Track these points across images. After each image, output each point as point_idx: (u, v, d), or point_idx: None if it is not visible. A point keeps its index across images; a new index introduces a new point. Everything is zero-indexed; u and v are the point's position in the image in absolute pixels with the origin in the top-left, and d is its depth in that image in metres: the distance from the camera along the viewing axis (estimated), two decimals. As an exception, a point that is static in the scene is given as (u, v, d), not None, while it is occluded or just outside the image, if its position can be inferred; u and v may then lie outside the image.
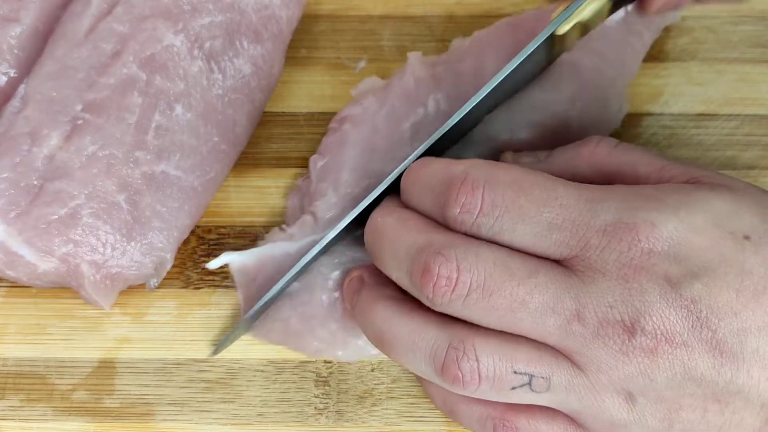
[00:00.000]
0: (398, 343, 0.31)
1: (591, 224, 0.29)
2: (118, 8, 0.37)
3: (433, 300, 0.29)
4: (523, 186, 0.30)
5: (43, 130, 0.34)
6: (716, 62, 0.42)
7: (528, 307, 0.29)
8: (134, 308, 0.37)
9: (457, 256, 0.29)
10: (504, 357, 0.29)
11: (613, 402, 0.29)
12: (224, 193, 0.39)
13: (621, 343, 0.28)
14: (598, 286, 0.28)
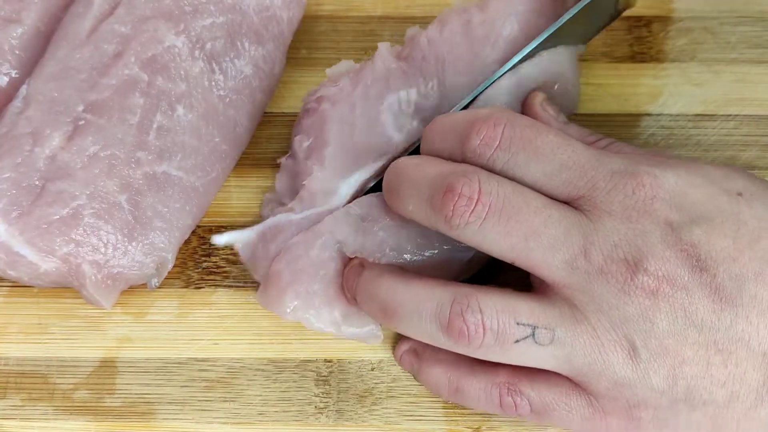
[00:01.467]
0: (403, 309, 0.31)
1: (599, 169, 0.30)
2: (119, 9, 0.37)
3: (451, 221, 0.30)
4: (541, 130, 0.31)
5: (45, 131, 0.34)
6: (715, 63, 0.42)
7: (540, 238, 0.30)
8: (135, 308, 0.37)
9: (480, 179, 0.30)
10: (506, 308, 0.30)
11: (617, 356, 0.29)
12: (225, 193, 0.39)
13: (623, 281, 0.29)
14: (604, 225, 0.30)
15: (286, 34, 0.40)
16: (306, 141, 0.37)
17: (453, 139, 0.32)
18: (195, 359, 0.36)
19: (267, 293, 0.35)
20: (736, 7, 0.43)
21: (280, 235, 0.36)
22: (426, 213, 0.31)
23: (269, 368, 0.36)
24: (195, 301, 0.37)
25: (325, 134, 0.37)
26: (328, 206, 0.36)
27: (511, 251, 0.30)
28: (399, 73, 0.38)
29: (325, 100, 0.38)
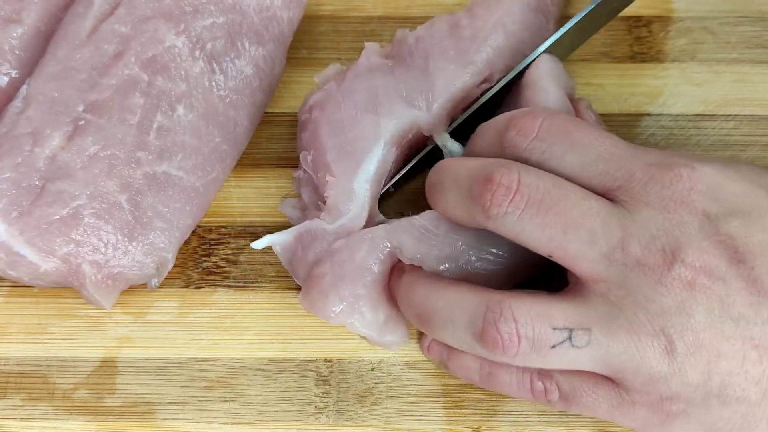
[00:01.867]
0: (437, 317, 0.31)
1: (636, 160, 0.30)
2: (119, 9, 0.37)
3: (489, 210, 0.30)
4: (579, 124, 0.32)
5: (45, 131, 0.34)
6: (715, 63, 0.42)
7: (579, 230, 0.29)
8: (135, 308, 0.37)
9: (519, 170, 0.30)
10: (541, 314, 0.29)
11: (653, 350, 0.29)
12: (225, 192, 0.39)
13: (660, 273, 0.28)
14: (641, 215, 0.29)
15: (286, 35, 0.40)
16: (309, 155, 0.37)
17: (493, 137, 0.32)
18: (195, 359, 0.36)
19: (310, 296, 0.35)
20: (736, 7, 0.43)
21: (316, 243, 0.36)
22: (465, 205, 0.31)
23: (269, 368, 0.36)
24: (195, 301, 0.37)
25: (320, 141, 0.36)
26: (354, 211, 0.36)
27: (549, 243, 0.30)
28: (385, 68, 0.37)
29: (315, 108, 0.37)
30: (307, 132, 0.37)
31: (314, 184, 0.37)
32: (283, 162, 0.40)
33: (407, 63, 0.38)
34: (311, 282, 0.35)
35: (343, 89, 0.37)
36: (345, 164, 0.36)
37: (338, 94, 0.37)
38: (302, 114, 0.38)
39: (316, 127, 0.37)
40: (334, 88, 0.37)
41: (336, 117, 0.37)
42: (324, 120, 0.37)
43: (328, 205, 0.36)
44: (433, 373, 0.36)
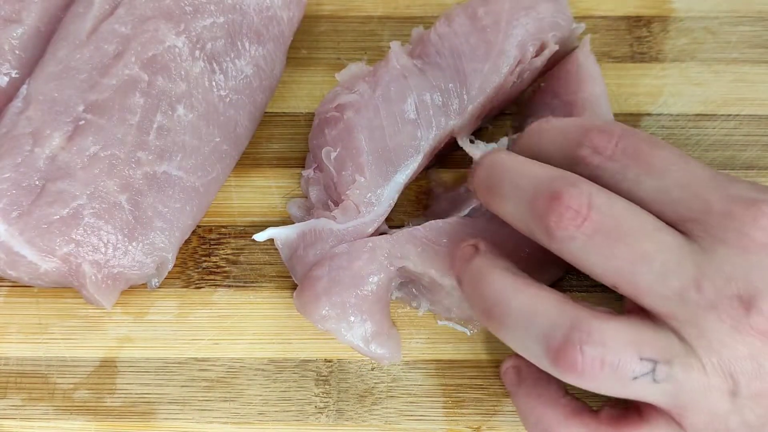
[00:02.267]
0: (510, 318, 0.29)
1: (716, 191, 0.28)
2: (120, 9, 0.37)
3: (553, 231, 0.28)
4: (657, 144, 0.29)
5: (45, 131, 0.34)
6: (715, 63, 0.42)
7: (651, 264, 0.27)
8: (135, 308, 0.37)
9: (591, 192, 0.28)
10: (632, 342, 0.27)
11: (720, 391, 0.27)
12: (225, 192, 0.39)
13: (736, 319, 0.27)
14: (717, 254, 0.27)
15: (286, 34, 0.40)
16: (333, 152, 0.37)
17: (559, 142, 0.30)
18: (195, 359, 0.36)
19: (301, 297, 0.35)
20: (736, 7, 0.43)
21: (319, 243, 0.36)
22: (525, 217, 0.29)
23: (269, 368, 0.36)
24: (195, 301, 0.37)
25: (357, 142, 0.36)
26: (373, 214, 0.36)
27: (615, 275, 0.28)
28: (416, 71, 0.37)
29: (347, 108, 0.37)
30: (336, 130, 0.37)
31: (325, 184, 0.37)
32: (283, 162, 0.40)
33: (437, 63, 0.37)
34: (306, 283, 0.35)
35: (380, 94, 0.37)
36: (381, 169, 0.36)
37: (375, 98, 0.37)
38: (327, 111, 0.38)
39: (351, 128, 0.36)
40: (368, 91, 0.37)
41: (376, 123, 0.36)
42: (361, 123, 0.36)
43: (346, 204, 0.36)
44: (433, 373, 0.36)
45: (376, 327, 0.35)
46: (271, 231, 0.37)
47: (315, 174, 0.38)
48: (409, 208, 0.39)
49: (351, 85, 0.38)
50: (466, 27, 0.37)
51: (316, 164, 0.38)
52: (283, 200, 0.39)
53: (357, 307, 0.34)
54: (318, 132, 0.38)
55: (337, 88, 0.38)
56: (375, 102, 0.37)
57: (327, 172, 0.37)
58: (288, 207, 0.38)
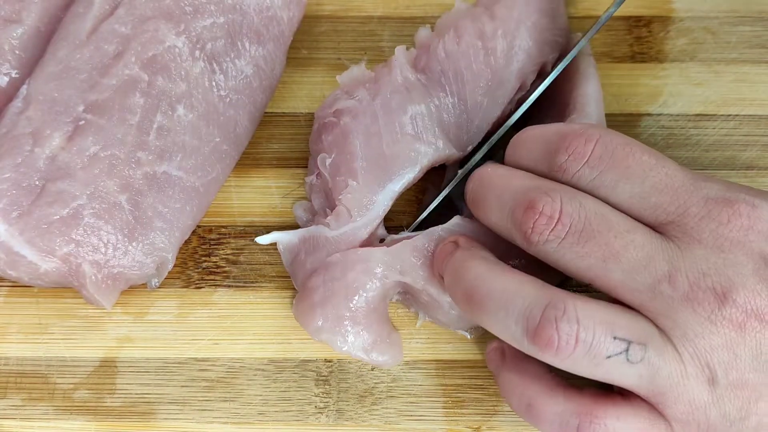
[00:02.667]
0: (490, 300, 0.30)
1: (693, 194, 0.29)
2: (120, 9, 0.37)
3: (530, 237, 0.30)
4: (635, 149, 0.30)
5: (46, 131, 0.34)
6: (714, 63, 0.42)
7: (620, 260, 0.29)
8: (135, 308, 0.37)
9: (562, 199, 0.29)
10: (606, 321, 0.28)
11: (697, 381, 0.28)
12: (225, 192, 0.39)
13: (710, 311, 0.28)
14: (692, 253, 0.29)
15: (286, 35, 0.40)
16: (329, 158, 0.37)
17: (540, 150, 0.32)
18: (195, 359, 0.36)
19: (298, 307, 0.35)
20: (736, 7, 0.43)
21: (316, 252, 0.36)
22: (507, 226, 0.31)
23: (269, 368, 0.36)
24: (195, 301, 0.37)
25: (351, 147, 0.36)
26: (366, 219, 0.36)
27: (588, 271, 0.29)
28: (419, 86, 0.37)
29: (344, 114, 0.37)
30: (332, 136, 0.37)
31: (326, 191, 0.37)
32: (283, 162, 0.40)
33: (441, 84, 0.37)
34: (303, 293, 0.35)
35: (380, 103, 0.37)
36: (375, 175, 0.36)
37: (374, 106, 0.37)
38: (325, 116, 0.38)
39: (347, 133, 0.37)
40: (367, 97, 0.37)
41: (373, 130, 0.36)
42: (358, 129, 0.36)
43: (339, 209, 0.36)
44: (433, 373, 0.36)
45: (374, 337, 0.35)
46: (274, 235, 0.37)
47: (316, 180, 0.38)
48: (407, 208, 0.39)
49: (351, 90, 0.38)
50: (473, 47, 0.37)
51: (317, 170, 0.38)
52: (283, 200, 0.39)
53: (352, 319, 0.34)
54: (316, 137, 0.38)
55: (337, 92, 0.38)
56: (373, 109, 0.37)
57: (323, 178, 0.37)
58: (294, 209, 0.38)
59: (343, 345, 0.34)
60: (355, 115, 0.37)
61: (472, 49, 0.37)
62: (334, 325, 0.34)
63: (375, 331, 0.35)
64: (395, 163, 0.36)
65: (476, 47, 0.37)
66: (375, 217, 0.36)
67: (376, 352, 0.35)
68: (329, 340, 0.34)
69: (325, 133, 0.38)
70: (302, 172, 0.40)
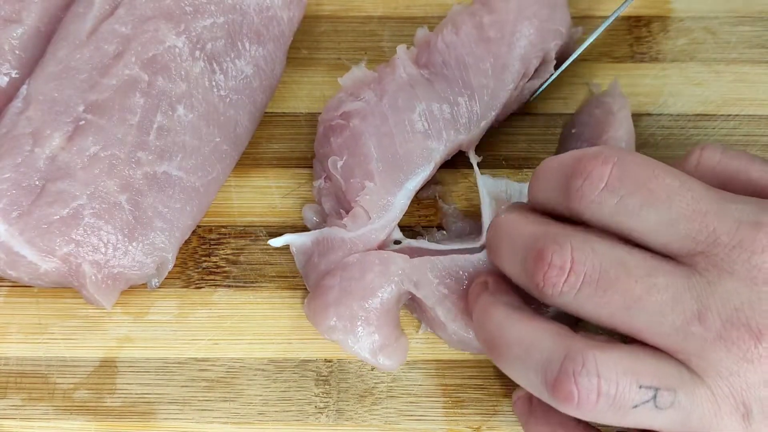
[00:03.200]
0: (509, 350, 0.29)
1: (722, 219, 0.27)
2: (120, 9, 0.37)
3: (543, 290, 0.28)
4: (656, 170, 0.28)
5: (46, 131, 0.34)
6: (714, 63, 0.42)
7: (644, 306, 0.27)
8: (135, 308, 0.37)
9: (572, 245, 0.28)
10: (629, 370, 0.27)
11: (732, 419, 0.27)
12: (225, 192, 0.39)
13: (746, 349, 0.26)
14: (723, 287, 0.27)
15: (286, 35, 0.40)
16: (340, 160, 0.37)
17: (557, 179, 0.29)
18: (195, 359, 0.36)
19: (311, 305, 0.35)
20: (736, 7, 0.43)
21: (331, 254, 0.36)
22: (521, 276, 0.30)
23: (269, 368, 0.36)
24: (195, 301, 0.37)
25: (365, 149, 0.36)
26: (384, 220, 0.36)
27: (611, 319, 0.28)
28: (423, 81, 0.37)
29: (353, 116, 0.37)
30: (342, 138, 0.37)
31: (337, 194, 0.37)
32: (283, 162, 0.40)
33: (444, 75, 0.37)
34: (317, 291, 0.35)
35: (387, 103, 0.37)
36: (391, 175, 0.36)
37: (382, 106, 0.37)
38: (331, 119, 0.38)
39: (358, 135, 0.36)
40: (374, 98, 0.37)
41: (384, 130, 0.36)
42: (368, 129, 0.36)
43: (356, 211, 0.36)
44: (433, 373, 0.36)
45: (384, 339, 0.35)
46: (287, 237, 0.37)
47: (325, 183, 0.38)
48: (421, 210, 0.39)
49: (356, 91, 0.38)
50: (473, 37, 0.38)
51: (325, 173, 0.38)
52: (283, 200, 0.39)
53: (365, 319, 0.34)
54: (323, 140, 0.38)
55: (341, 95, 0.38)
56: (382, 109, 0.37)
57: (335, 181, 0.37)
58: (303, 212, 0.38)
59: (353, 345, 0.34)
60: (364, 117, 0.37)
61: (471, 38, 0.37)
62: (348, 324, 0.34)
63: (385, 334, 0.35)
64: (410, 162, 0.36)
65: (475, 36, 0.38)
66: (393, 218, 0.36)
67: (383, 356, 0.35)
68: (341, 339, 0.34)
69: (333, 135, 0.37)
70: (302, 172, 0.40)
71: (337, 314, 0.34)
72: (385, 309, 0.35)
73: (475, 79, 0.37)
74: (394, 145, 0.36)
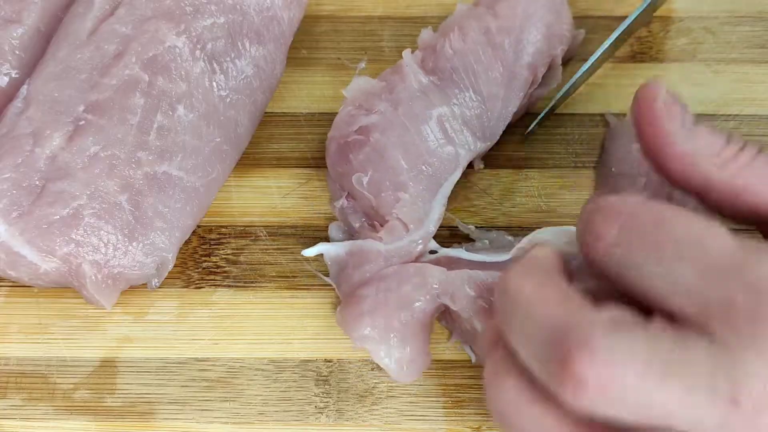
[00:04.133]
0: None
1: (741, 278, 0.24)
2: (120, 9, 0.37)
3: (570, 403, 0.24)
4: (665, 221, 0.25)
5: (46, 131, 0.34)
6: (714, 63, 0.42)
7: (678, 417, 0.23)
8: (135, 308, 0.37)
9: (604, 355, 0.23)
10: None
11: None
12: (225, 192, 0.39)
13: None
14: (745, 364, 0.23)
15: (286, 35, 0.40)
16: (365, 177, 0.36)
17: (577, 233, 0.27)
18: (195, 359, 0.36)
19: (344, 313, 0.35)
20: (736, 7, 0.43)
21: (366, 265, 0.36)
22: (541, 371, 0.25)
23: (269, 368, 0.36)
24: (195, 301, 0.37)
25: (392, 162, 0.36)
26: (423, 231, 0.36)
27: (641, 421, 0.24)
28: (433, 88, 0.37)
29: (372, 130, 0.36)
30: (363, 154, 0.36)
31: (366, 210, 0.37)
32: (283, 162, 0.40)
33: (454, 80, 0.37)
34: (352, 300, 0.35)
35: (403, 112, 0.37)
36: (425, 185, 0.36)
37: (400, 116, 0.37)
38: (346, 136, 0.37)
39: (383, 149, 0.36)
40: (389, 109, 0.37)
41: (407, 139, 0.36)
42: (393, 142, 0.36)
43: (392, 224, 0.36)
44: (433, 373, 0.36)
45: (414, 354, 0.34)
46: (320, 247, 0.37)
47: (348, 202, 0.38)
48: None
49: (366, 103, 0.37)
50: (481, 43, 0.38)
51: (345, 192, 0.38)
52: (283, 200, 0.39)
53: (400, 331, 0.34)
54: (340, 159, 0.37)
55: (350, 109, 0.37)
56: (400, 120, 0.36)
57: (362, 198, 0.37)
58: (330, 230, 0.38)
59: (385, 356, 0.34)
60: (384, 130, 0.36)
61: (479, 45, 0.37)
62: (382, 334, 0.34)
63: (416, 348, 0.34)
64: (440, 170, 0.36)
65: (483, 43, 0.37)
66: (431, 228, 0.36)
67: (408, 369, 0.34)
68: (373, 349, 0.34)
69: (352, 152, 0.37)
70: (302, 172, 0.40)
71: (372, 323, 0.34)
72: (420, 323, 0.34)
73: (485, 88, 0.37)
74: (422, 154, 0.36)
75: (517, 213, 0.39)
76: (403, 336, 0.34)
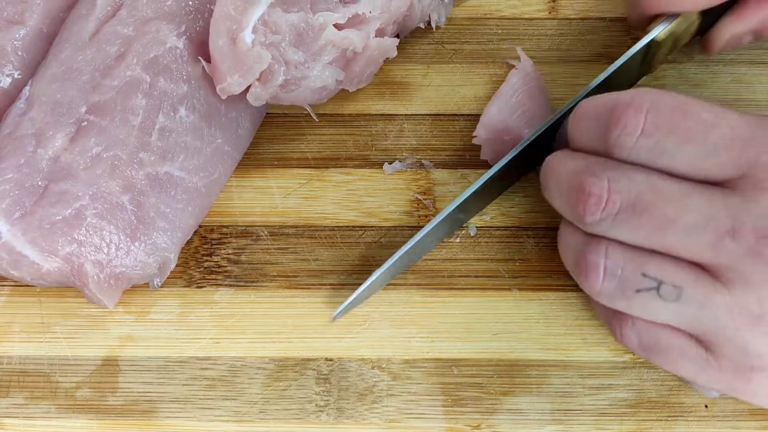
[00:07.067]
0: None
1: (759, 141, 0.28)
2: (122, 11, 0.37)
3: (585, 219, 0.30)
4: (690, 109, 0.29)
5: (48, 132, 0.35)
6: (712, 64, 0.42)
7: (676, 227, 0.29)
8: (137, 307, 0.37)
9: (609, 177, 0.30)
10: (635, 259, 0.30)
11: (756, 329, 0.28)
12: (227, 192, 0.39)
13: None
14: (759, 204, 0.28)
15: (286, 36, 0.40)
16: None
17: (594, 128, 0.31)
18: (196, 358, 0.36)
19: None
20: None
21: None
22: (566, 209, 0.32)
23: (270, 367, 0.36)
24: (196, 301, 0.37)
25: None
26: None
27: (645, 242, 0.30)
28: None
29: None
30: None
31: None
32: (284, 162, 0.40)
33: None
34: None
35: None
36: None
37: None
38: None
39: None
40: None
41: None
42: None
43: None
44: (432, 372, 0.36)
45: None
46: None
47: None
48: (420, 210, 0.39)
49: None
50: None
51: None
52: (284, 200, 0.39)
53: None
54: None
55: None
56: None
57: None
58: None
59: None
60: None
61: None
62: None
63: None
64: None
65: None
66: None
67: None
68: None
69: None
70: (303, 172, 0.40)
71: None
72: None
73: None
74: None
75: (517, 213, 0.39)
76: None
